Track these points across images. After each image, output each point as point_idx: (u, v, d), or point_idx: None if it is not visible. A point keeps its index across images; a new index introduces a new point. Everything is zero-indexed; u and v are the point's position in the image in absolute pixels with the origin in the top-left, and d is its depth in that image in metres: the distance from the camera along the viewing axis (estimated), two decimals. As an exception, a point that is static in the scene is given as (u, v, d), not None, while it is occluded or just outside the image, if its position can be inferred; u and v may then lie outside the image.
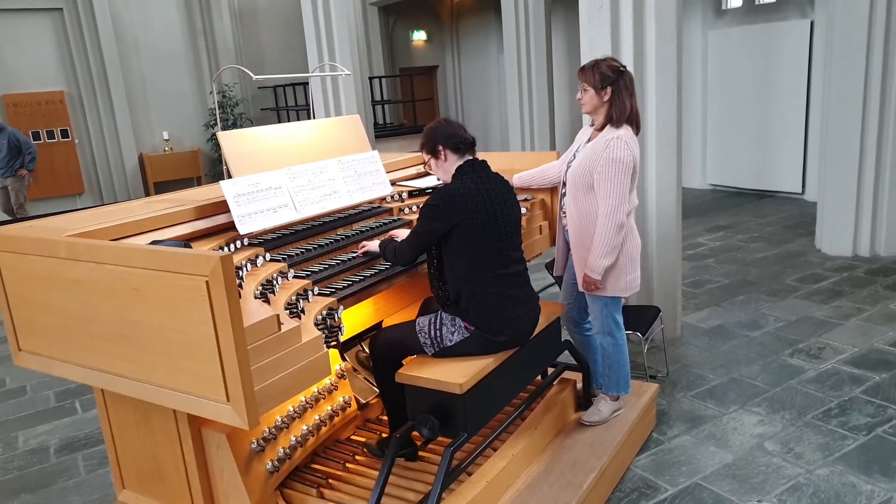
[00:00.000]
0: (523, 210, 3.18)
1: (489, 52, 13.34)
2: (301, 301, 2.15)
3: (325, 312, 2.16)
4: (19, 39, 10.05)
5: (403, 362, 2.54)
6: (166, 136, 11.47)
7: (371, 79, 12.03)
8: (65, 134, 10.54)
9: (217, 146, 10.78)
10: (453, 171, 2.51)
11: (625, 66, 2.85)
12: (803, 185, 8.15)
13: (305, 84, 11.15)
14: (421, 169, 3.66)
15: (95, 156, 10.87)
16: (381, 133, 11.19)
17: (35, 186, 10.33)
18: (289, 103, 12.04)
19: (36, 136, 10.27)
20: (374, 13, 13.02)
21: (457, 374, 2.33)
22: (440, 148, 2.51)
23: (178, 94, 11.58)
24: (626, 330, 3.20)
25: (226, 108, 11.43)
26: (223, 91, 11.48)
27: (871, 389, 3.57)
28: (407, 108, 13.38)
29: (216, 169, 11.52)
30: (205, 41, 11.72)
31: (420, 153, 2.69)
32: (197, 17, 11.62)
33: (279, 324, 1.90)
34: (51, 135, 10.43)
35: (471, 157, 2.54)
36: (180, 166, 11.46)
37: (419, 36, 14.18)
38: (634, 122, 2.87)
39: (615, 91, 2.80)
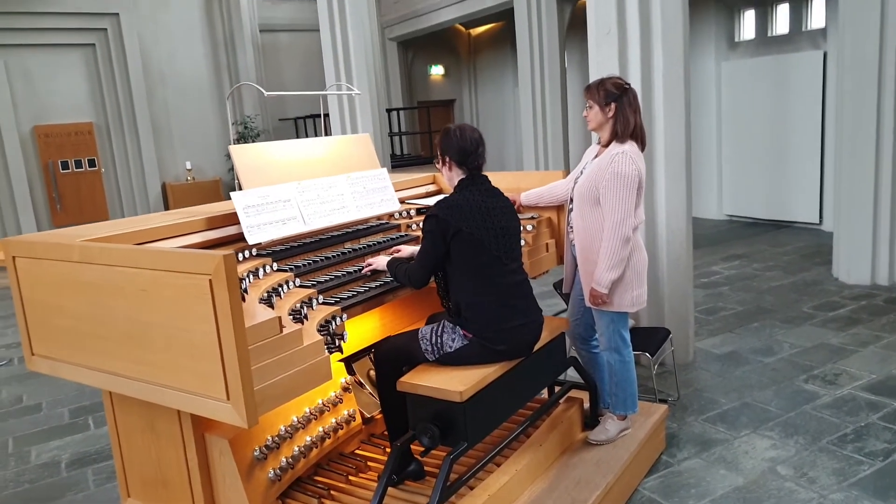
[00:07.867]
0: (529, 227, 3.21)
1: (505, 85, 13.54)
2: (305, 308, 2.18)
3: (327, 319, 2.19)
4: (53, 73, 10.45)
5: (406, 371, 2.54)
6: (189, 166, 11.75)
7: (389, 111, 12.25)
8: (92, 163, 10.84)
9: (238, 176, 10.99)
10: (455, 183, 2.58)
11: (629, 84, 2.90)
12: (820, 215, 8.07)
13: (327, 116, 11.39)
14: (430, 188, 3.71)
15: (120, 184, 11.16)
16: (398, 163, 11.36)
17: (62, 214, 10.61)
18: (309, 135, 12.30)
19: (65, 165, 10.59)
20: (394, 48, 13.35)
21: (457, 383, 2.33)
22: (448, 158, 2.57)
23: (202, 125, 11.90)
24: (635, 350, 3.17)
25: (247, 139, 11.70)
26: (245, 122, 11.77)
27: (890, 415, 3.48)
28: (424, 140, 13.58)
29: (237, 198, 11.71)
30: (228, 75, 12.08)
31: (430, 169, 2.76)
32: (221, 51, 12.01)
33: (281, 326, 1.93)
34: (79, 164, 10.74)
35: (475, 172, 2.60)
36: (202, 195, 11.68)
37: (437, 70, 14.47)
38: (639, 137, 2.91)
39: (619, 107, 2.85)
